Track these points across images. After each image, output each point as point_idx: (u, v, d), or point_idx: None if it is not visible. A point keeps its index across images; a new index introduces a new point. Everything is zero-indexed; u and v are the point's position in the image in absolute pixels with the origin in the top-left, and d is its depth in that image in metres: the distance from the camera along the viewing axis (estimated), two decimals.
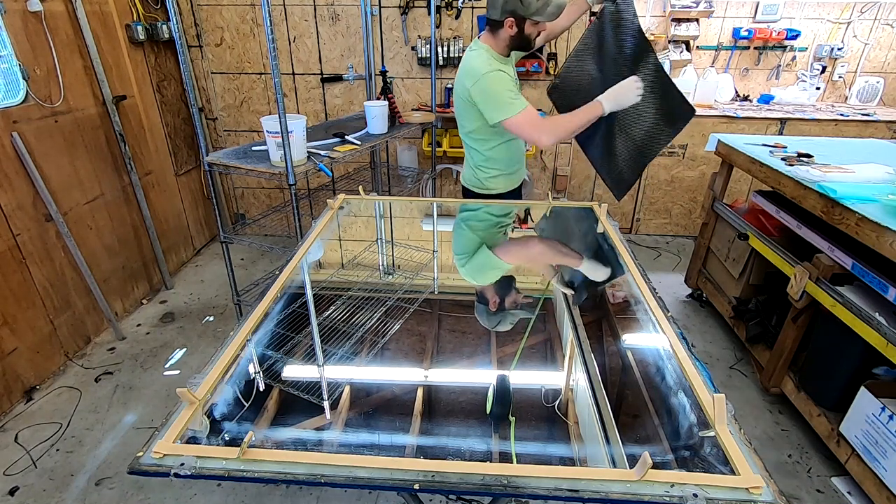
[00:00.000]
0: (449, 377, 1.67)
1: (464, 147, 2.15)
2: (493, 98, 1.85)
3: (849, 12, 3.80)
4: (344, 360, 1.35)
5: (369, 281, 1.81)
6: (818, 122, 3.52)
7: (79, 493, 1.90)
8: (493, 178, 2.10)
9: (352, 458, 0.85)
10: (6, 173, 2.24)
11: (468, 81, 1.87)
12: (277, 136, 2.11)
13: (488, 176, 2.10)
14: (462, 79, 1.92)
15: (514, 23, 1.82)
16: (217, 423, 1.00)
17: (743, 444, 0.88)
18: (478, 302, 1.71)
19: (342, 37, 3.56)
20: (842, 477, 1.97)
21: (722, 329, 2.92)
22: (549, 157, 3.86)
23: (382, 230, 2.19)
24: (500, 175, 2.10)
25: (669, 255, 3.84)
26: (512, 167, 2.12)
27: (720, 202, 2.86)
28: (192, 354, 2.70)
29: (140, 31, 3.02)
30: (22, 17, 2.30)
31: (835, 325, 1.89)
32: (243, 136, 3.93)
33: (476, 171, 2.12)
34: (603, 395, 1.32)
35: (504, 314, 1.62)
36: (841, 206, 1.85)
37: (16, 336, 2.30)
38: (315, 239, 1.72)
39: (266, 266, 3.65)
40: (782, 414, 2.30)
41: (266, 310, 1.30)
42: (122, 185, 2.97)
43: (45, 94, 2.44)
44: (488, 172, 2.09)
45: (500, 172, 2.10)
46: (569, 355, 1.61)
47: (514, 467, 0.86)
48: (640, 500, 0.79)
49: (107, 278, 2.86)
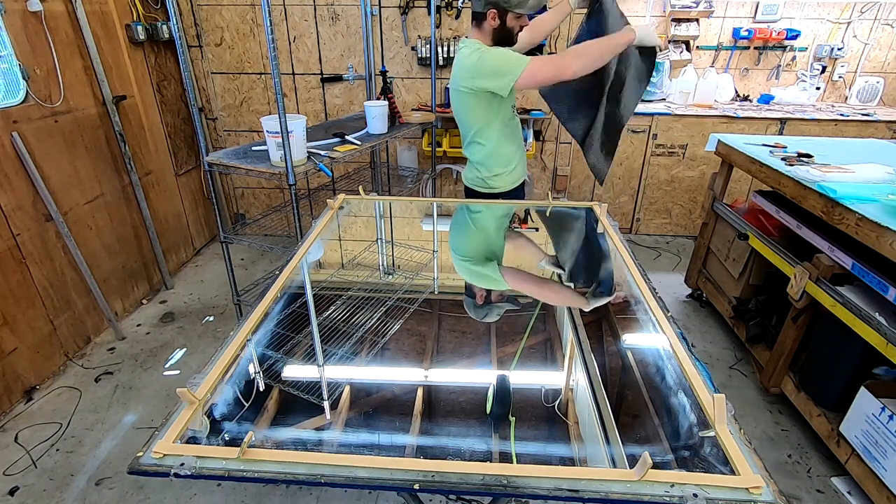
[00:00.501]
0: (449, 377, 1.67)
1: (464, 147, 2.16)
2: (497, 65, 1.82)
3: (849, 12, 3.80)
4: (344, 360, 1.35)
5: (369, 281, 1.81)
6: (818, 122, 3.52)
7: (79, 493, 1.90)
8: (496, 177, 2.11)
9: (352, 458, 0.85)
10: (6, 173, 2.24)
11: (466, 72, 1.88)
12: (277, 136, 2.11)
13: (491, 174, 2.10)
14: (458, 73, 1.93)
15: (497, 14, 1.84)
16: (217, 423, 1.00)
17: (743, 444, 0.88)
18: (466, 295, 1.74)
19: (342, 37, 3.56)
20: (842, 477, 1.97)
21: (722, 329, 2.92)
22: (549, 157, 3.86)
23: (382, 230, 2.19)
24: (503, 172, 2.11)
25: (669, 255, 3.84)
26: (513, 164, 2.12)
27: (720, 202, 2.86)
28: (192, 354, 2.70)
29: (140, 31, 3.02)
30: (22, 17, 2.30)
31: (835, 325, 1.89)
32: (243, 136, 3.93)
33: (478, 169, 2.12)
34: (603, 395, 1.32)
35: (491, 307, 1.66)
36: (841, 206, 1.85)
37: (16, 336, 2.30)
38: (315, 239, 1.72)
39: (266, 266, 3.65)
40: (782, 414, 2.30)
41: (266, 310, 1.30)
42: (122, 185, 2.97)
43: (45, 94, 2.44)
44: (491, 170, 2.10)
45: (503, 170, 2.10)
46: (569, 355, 1.61)
47: (514, 467, 0.86)
48: (640, 500, 0.79)
49: (107, 278, 2.86)
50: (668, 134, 3.71)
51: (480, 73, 1.84)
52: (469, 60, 1.86)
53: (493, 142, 2.03)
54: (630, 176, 3.92)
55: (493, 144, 2.04)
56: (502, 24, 1.85)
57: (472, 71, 1.85)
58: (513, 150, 2.10)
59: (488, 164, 2.09)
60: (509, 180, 2.14)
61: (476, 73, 1.85)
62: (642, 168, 3.86)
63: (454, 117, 2.15)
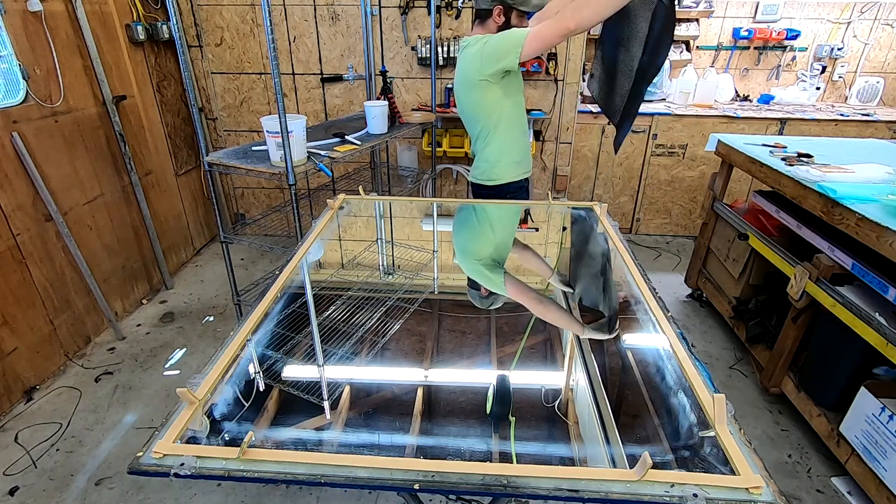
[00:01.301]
0: (449, 377, 1.67)
1: (472, 143, 2.18)
2: (502, 42, 1.83)
3: (849, 12, 3.81)
4: (344, 360, 1.35)
5: (369, 281, 1.81)
6: (818, 122, 3.53)
7: (79, 493, 1.90)
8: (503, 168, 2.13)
9: (352, 458, 0.85)
10: (6, 173, 2.24)
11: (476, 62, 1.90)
12: (277, 136, 2.11)
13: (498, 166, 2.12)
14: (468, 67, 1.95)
15: (502, 11, 1.86)
16: (217, 423, 1.00)
17: (743, 444, 0.87)
18: (469, 287, 1.75)
19: (342, 37, 3.56)
20: (842, 477, 1.97)
21: (722, 329, 2.92)
22: (549, 157, 3.86)
23: (382, 230, 2.19)
24: (510, 164, 2.13)
25: (669, 255, 3.84)
26: (520, 155, 2.15)
27: (720, 202, 2.86)
28: (192, 354, 2.70)
29: (140, 31, 3.02)
30: (22, 17, 2.30)
31: (835, 325, 1.89)
32: (243, 136, 3.93)
33: (484, 162, 2.14)
34: (603, 395, 1.32)
35: (494, 296, 1.68)
36: (841, 206, 1.85)
37: (16, 336, 2.30)
38: (315, 239, 1.72)
39: (266, 266, 3.65)
40: (782, 414, 2.30)
41: (266, 310, 1.30)
42: (122, 185, 2.97)
43: (45, 94, 2.44)
44: (498, 162, 2.12)
45: (510, 161, 2.12)
46: (569, 355, 1.61)
47: (514, 467, 0.86)
48: (640, 500, 0.79)
49: (107, 278, 2.86)
50: (668, 134, 3.71)
51: (490, 56, 1.86)
52: (475, 49, 1.89)
53: (501, 134, 2.06)
54: (630, 176, 3.92)
55: (502, 137, 2.06)
56: (507, 21, 1.87)
57: (481, 58, 1.87)
58: (521, 141, 2.13)
59: (496, 157, 2.11)
60: (517, 171, 2.16)
61: (485, 58, 1.87)
62: (642, 168, 3.86)
63: (461, 116, 2.16)
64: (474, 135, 2.15)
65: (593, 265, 1.88)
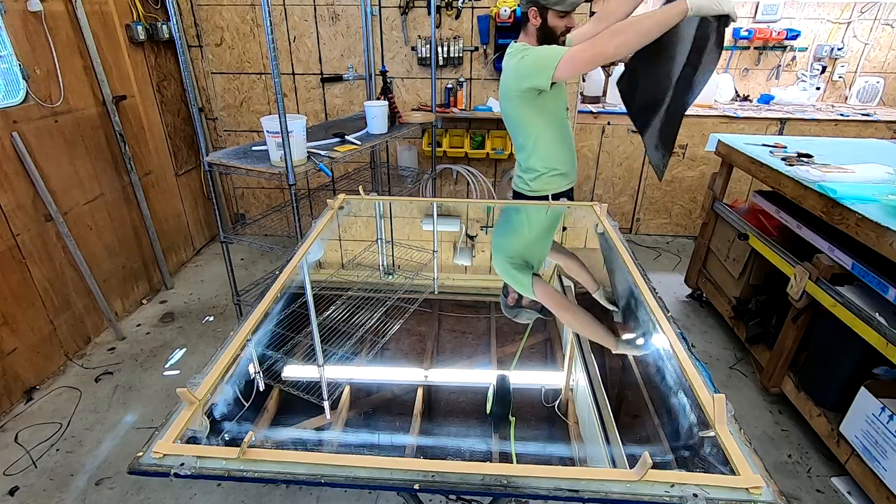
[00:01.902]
0: (449, 377, 1.67)
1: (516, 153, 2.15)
2: (536, 60, 1.80)
3: (849, 12, 3.81)
4: (344, 360, 1.35)
5: (369, 281, 1.81)
6: (818, 122, 3.53)
7: (79, 493, 1.90)
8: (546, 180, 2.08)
9: (352, 458, 0.85)
10: (6, 173, 2.24)
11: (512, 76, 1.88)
12: (277, 136, 2.11)
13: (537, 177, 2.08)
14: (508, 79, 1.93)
15: (537, 13, 1.85)
16: (217, 423, 1.00)
17: (743, 444, 0.88)
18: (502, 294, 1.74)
19: (342, 37, 3.56)
20: (842, 477, 1.97)
21: (722, 329, 2.92)
22: None
23: (382, 230, 2.19)
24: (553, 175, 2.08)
25: (669, 255, 3.84)
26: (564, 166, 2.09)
27: (720, 202, 2.86)
28: (192, 354, 2.70)
29: (140, 31, 3.02)
30: (22, 17, 2.30)
31: (835, 325, 1.89)
32: (243, 136, 3.93)
33: (526, 173, 2.11)
34: (603, 395, 1.32)
35: (521, 310, 1.65)
36: (841, 206, 1.85)
37: (16, 336, 2.30)
38: (315, 239, 1.72)
39: (266, 266, 3.65)
40: (782, 414, 2.30)
41: (266, 310, 1.30)
42: (122, 185, 2.97)
43: (45, 94, 2.44)
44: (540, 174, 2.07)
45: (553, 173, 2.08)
46: (569, 355, 1.61)
47: (514, 467, 0.86)
48: (640, 500, 0.79)
49: (107, 278, 2.86)
50: None
51: (524, 72, 1.84)
52: (513, 63, 1.87)
53: (542, 146, 2.02)
54: (630, 176, 3.92)
55: (543, 149, 2.02)
56: (544, 22, 1.86)
57: (517, 73, 1.86)
58: (563, 153, 2.07)
59: (537, 169, 2.07)
60: (560, 183, 2.11)
61: (520, 73, 1.85)
62: (642, 168, 3.86)
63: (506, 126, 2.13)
64: (517, 145, 2.11)
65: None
